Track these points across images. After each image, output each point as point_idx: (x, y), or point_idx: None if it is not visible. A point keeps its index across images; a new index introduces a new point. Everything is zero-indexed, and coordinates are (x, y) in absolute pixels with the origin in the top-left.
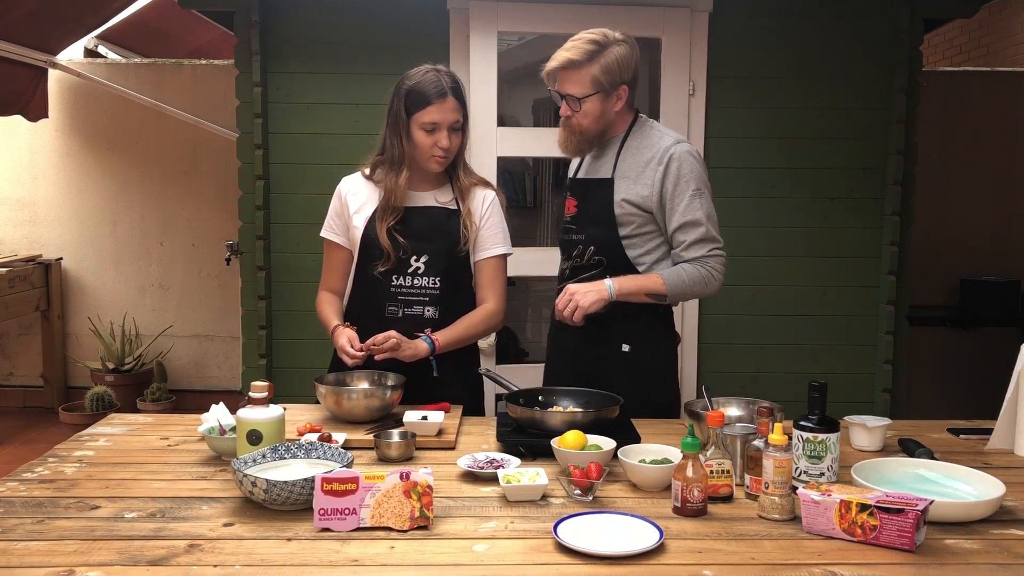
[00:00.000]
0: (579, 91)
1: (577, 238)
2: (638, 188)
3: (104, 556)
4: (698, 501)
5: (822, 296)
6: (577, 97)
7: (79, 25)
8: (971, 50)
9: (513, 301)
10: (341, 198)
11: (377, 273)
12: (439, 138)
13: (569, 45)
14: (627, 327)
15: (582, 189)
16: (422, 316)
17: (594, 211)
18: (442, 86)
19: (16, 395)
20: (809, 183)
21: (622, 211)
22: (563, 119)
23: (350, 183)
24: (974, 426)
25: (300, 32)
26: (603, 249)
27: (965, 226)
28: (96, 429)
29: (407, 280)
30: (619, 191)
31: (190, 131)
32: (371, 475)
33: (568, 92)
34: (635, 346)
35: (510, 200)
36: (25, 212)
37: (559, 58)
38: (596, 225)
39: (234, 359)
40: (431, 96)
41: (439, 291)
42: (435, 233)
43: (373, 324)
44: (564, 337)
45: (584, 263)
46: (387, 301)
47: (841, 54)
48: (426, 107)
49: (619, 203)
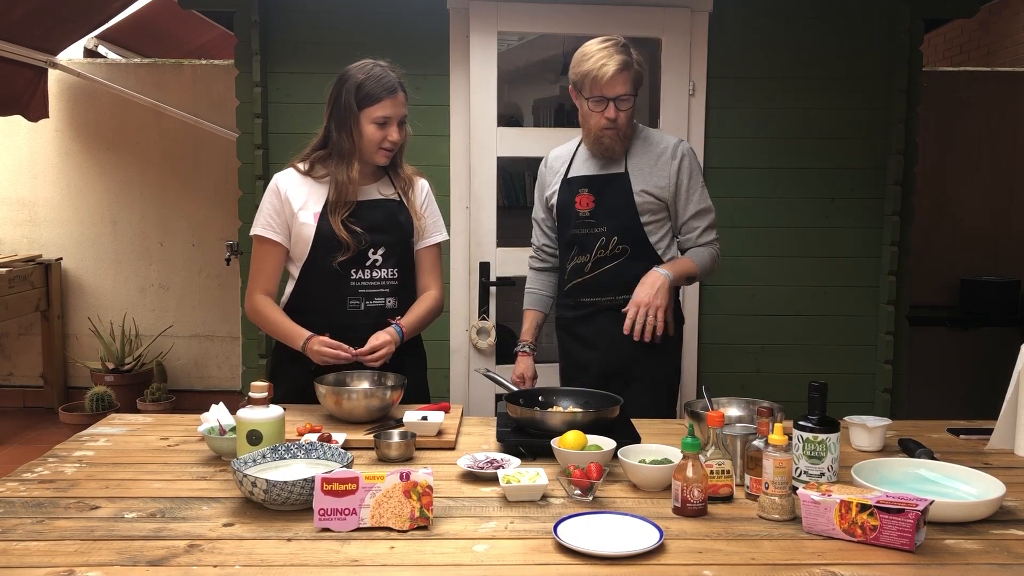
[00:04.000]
0: (629, 89)
1: (598, 231)
2: (655, 179)
3: (104, 556)
4: (698, 501)
5: (822, 296)
6: (630, 95)
7: (79, 25)
8: (971, 50)
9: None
10: (280, 195)
11: (336, 265)
12: (389, 132)
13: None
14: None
15: (598, 184)
16: (384, 307)
17: (614, 203)
18: (392, 82)
19: (16, 395)
20: (809, 183)
21: (642, 200)
22: (607, 123)
23: (287, 179)
24: (974, 426)
25: (300, 32)
26: (626, 238)
27: (965, 226)
28: (96, 429)
29: (366, 273)
30: (636, 182)
31: (190, 131)
32: (371, 475)
33: (619, 93)
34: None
35: (510, 200)
36: (25, 212)
37: (615, 62)
38: (617, 216)
39: (234, 359)
40: (382, 92)
41: (398, 281)
42: (389, 225)
43: (335, 319)
44: (587, 327)
45: (608, 254)
46: (348, 295)
47: (841, 54)
48: (378, 102)
49: (638, 193)
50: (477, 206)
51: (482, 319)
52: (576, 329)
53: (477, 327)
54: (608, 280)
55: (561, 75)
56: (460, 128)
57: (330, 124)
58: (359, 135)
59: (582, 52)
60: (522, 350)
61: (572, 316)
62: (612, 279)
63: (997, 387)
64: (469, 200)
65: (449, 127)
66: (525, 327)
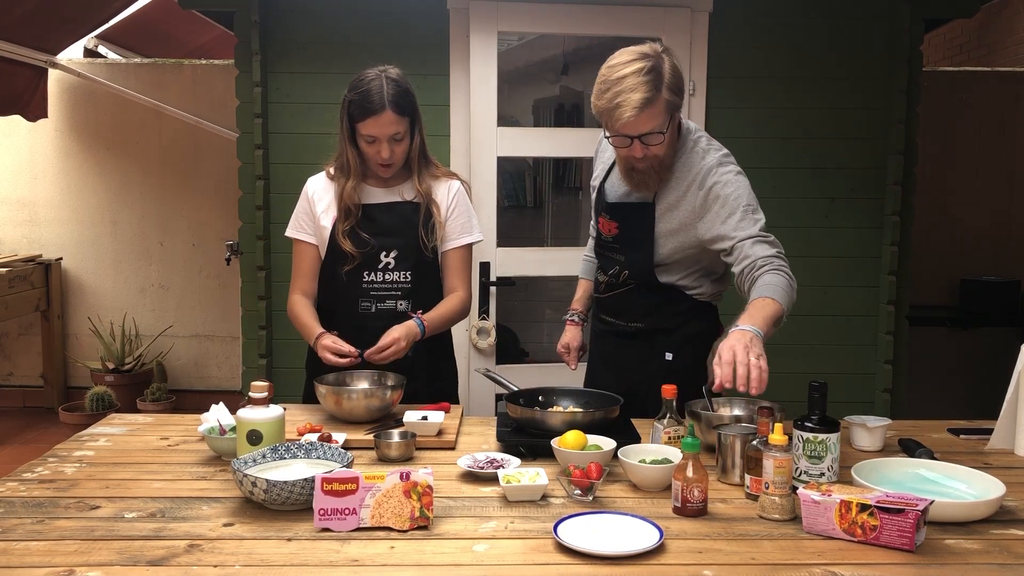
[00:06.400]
0: (658, 124)
1: (618, 258)
2: (680, 215)
3: (104, 556)
4: (698, 501)
5: (822, 296)
6: (659, 131)
7: (79, 25)
8: (971, 50)
9: (513, 301)
10: (308, 197)
11: (343, 273)
12: (380, 149)
13: (627, 84)
14: (670, 338)
15: (622, 213)
16: (395, 310)
17: (635, 235)
18: (381, 99)
19: (16, 395)
20: (809, 183)
21: (664, 239)
22: (629, 161)
23: (315, 183)
24: (974, 426)
25: (300, 32)
26: (636, 274)
27: (965, 226)
28: (96, 429)
29: (378, 276)
30: (660, 220)
31: (190, 131)
32: (371, 475)
33: (645, 131)
34: (678, 354)
35: (510, 200)
36: (25, 212)
37: (632, 103)
38: (636, 249)
39: (234, 359)
40: (367, 110)
41: (410, 284)
42: (403, 228)
43: (348, 320)
44: (606, 346)
45: (619, 282)
46: (359, 297)
47: (841, 54)
48: (364, 120)
49: (660, 231)
50: (477, 206)
51: (482, 319)
52: (597, 343)
53: (477, 327)
54: (616, 305)
55: (561, 75)
56: (460, 128)
57: (340, 134)
58: (359, 149)
59: (601, 77)
60: (569, 318)
61: (596, 328)
62: (621, 305)
63: (997, 387)
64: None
65: (449, 127)
66: (576, 295)
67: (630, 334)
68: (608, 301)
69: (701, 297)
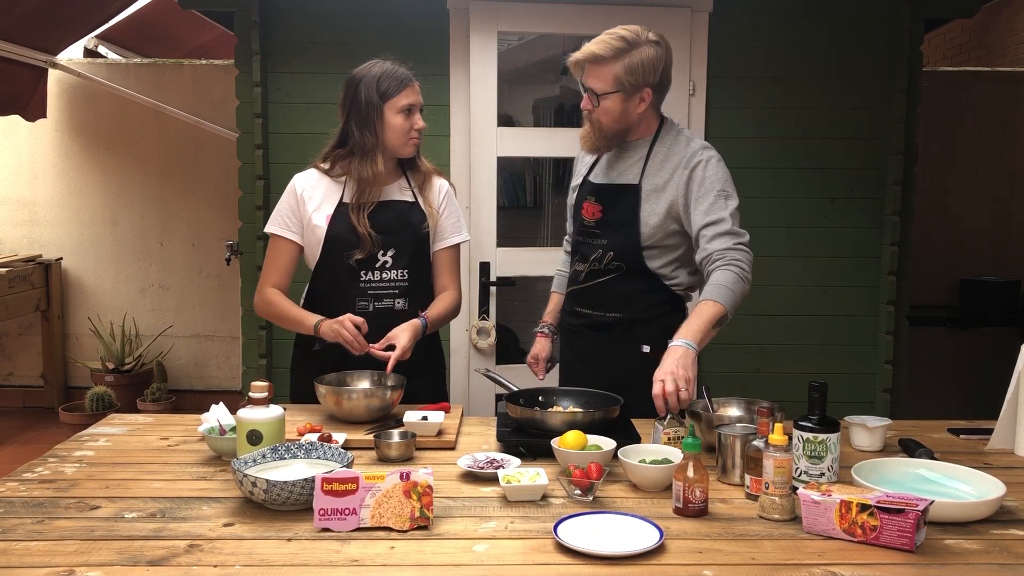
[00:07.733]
0: (600, 87)
1: (599, 243)
2: (666, 196)
3: (104, 556)
4: (700, 501)
5: (822, 296)
6: (597, 93)
7: (79, 25)
8: (971, 50)
9: (513, 301)
10: (296, 195)
11: (353, 263)
12: (415, 120)
13: (599, 39)
14: (648, 329)
15: (607, 195)
16: (392, 308)
17: (619, 218)
18: (406, 72)
19: (16, 395)
20: (809, 183)
21: (648, 220)
22: (585, 112)
23: (304, 180)
24: (974, 426)
25: (300, 32)
26: (622, 255)
27: (965, 226)
28: (96, 429)
29: (375, 274)
30: (646, 201)
31: (190, 131)
32: (371, 475)
33: (590, 86)
34: (655, 347)
35: (510, 200)
36: (25, 212)
37: (585, 51)
38: (619, 232)
39: (234, 359)
40: (404, 81)
41: (407, 283)
42: (400, 226)
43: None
44: (581, 342)
45: (603, 267)
46: (357, 296)
47: (841, 54)
48: (402, 91)
49: (646, 212)
50: (477, 206)
51: (482, 319)
52: (570, 339)
53: (477, 327)
54: (597, 295)
55: (561, 75)
56: (460, 128)
57: (349, 124)
58: (384, 128)
59: None
60: (540, 331)
61: (568, 324)
62: (602, 294)
63: (997, 387)
64: (469, 200)
65: (449, 127)
66: (547, 308)
67: (607, 325)
68: (587, 291)
69: (678, 289)
